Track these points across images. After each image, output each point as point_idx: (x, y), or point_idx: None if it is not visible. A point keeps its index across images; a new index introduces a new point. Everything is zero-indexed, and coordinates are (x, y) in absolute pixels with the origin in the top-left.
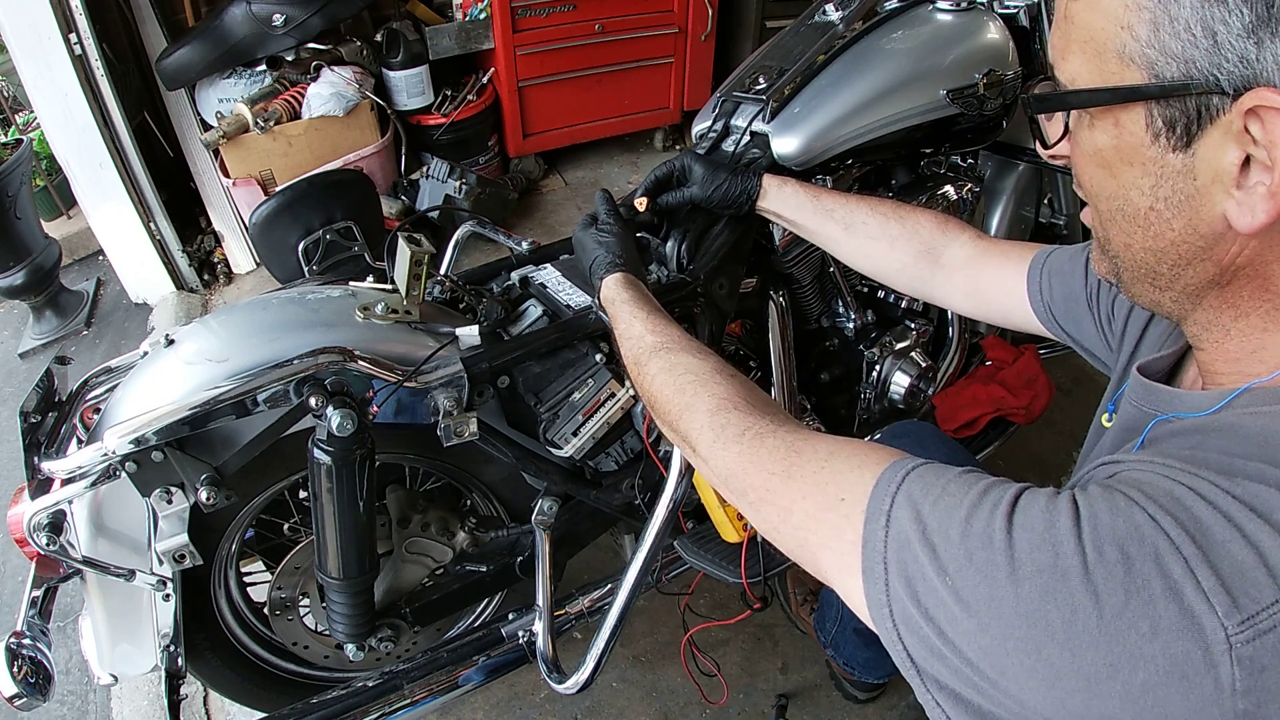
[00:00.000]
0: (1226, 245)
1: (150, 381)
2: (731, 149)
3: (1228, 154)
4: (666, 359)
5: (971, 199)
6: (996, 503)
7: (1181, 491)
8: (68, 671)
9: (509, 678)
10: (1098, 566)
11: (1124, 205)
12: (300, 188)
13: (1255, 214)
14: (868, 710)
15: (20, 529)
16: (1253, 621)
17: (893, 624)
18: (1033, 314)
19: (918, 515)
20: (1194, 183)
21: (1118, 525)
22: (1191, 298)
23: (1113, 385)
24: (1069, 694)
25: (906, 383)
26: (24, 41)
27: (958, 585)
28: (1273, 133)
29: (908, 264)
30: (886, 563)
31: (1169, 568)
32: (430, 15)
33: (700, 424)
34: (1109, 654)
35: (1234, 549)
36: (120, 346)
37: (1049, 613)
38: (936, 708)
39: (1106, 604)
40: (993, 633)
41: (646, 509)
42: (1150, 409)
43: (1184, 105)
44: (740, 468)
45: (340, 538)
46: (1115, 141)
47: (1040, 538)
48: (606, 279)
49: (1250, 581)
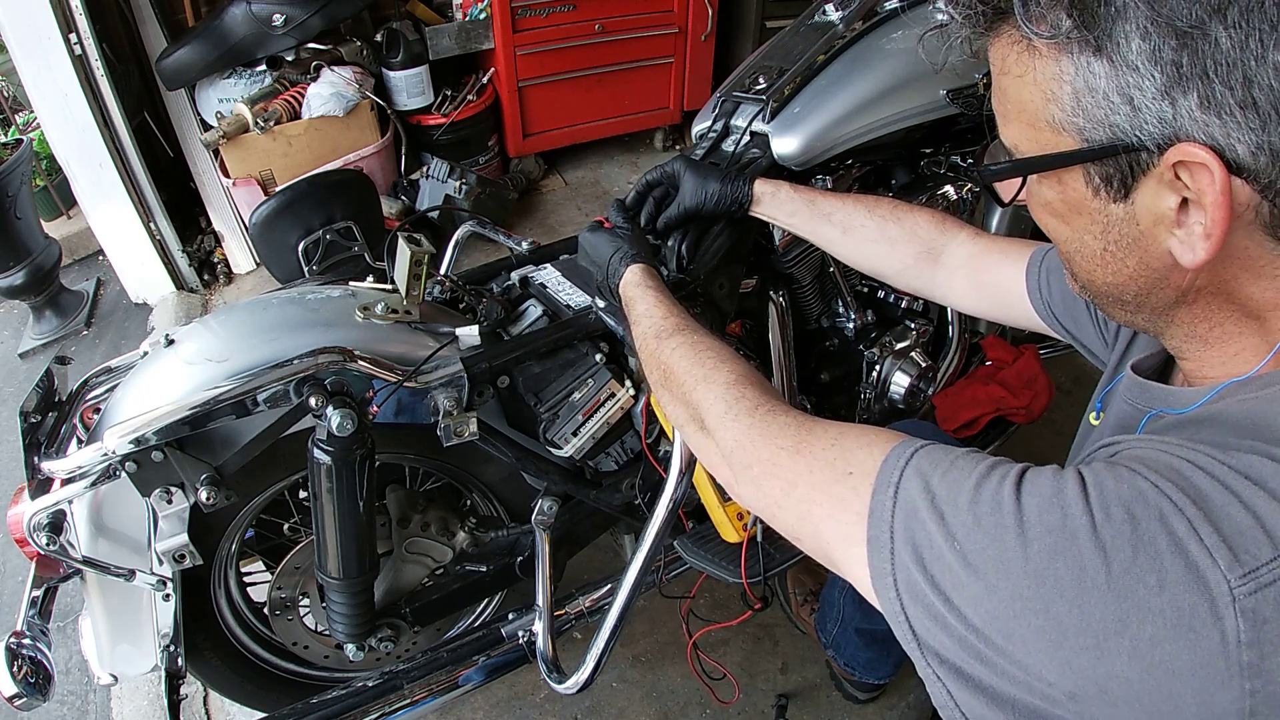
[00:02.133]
0: (1181, 275)
1: (150, 381)
2: (731, 149)
3: (1165, 200)
4: (688, 337)
5: (971, 199)
6: (1004, 475)
7: (1180, 464)
8: (68, 671)
9: (509, 678)
10: (1105, 526)
11: (1080, 247)
12: (300, 188)
13: (1196, 251)
14: (868, 710)
15: (20, 529)
16: (1254, 575)
17: (896, 594)
18: (1033, 310)
19: (926, 485)
20: (1138, 227)
21: (1122, 490)
22: (1162, 316)
23: (1103, 382)
24: (1076, 653)
25: (906, 383)
26: (24, 41)
27: (966, 549)
28: (1199, 182)
29: (909, 264)
30: (893, 531)
31: (1173, 526)
32: (430, 15)
33: (715, 394)
34: (1117, 609)
35: (1232, 512)
36: (120, 346)
37: (1058, 570)
38: (938, 682)
39: (1115, 560)
40: (1000, 594)
41: (646, 509)
42: (1143, 405)
43: (1116, 163)
44: (749, 440)
45: (340, 538)
46: (1062, 196)
47: (1049, 501)
48: (631, 267)
49: (1250, 540)
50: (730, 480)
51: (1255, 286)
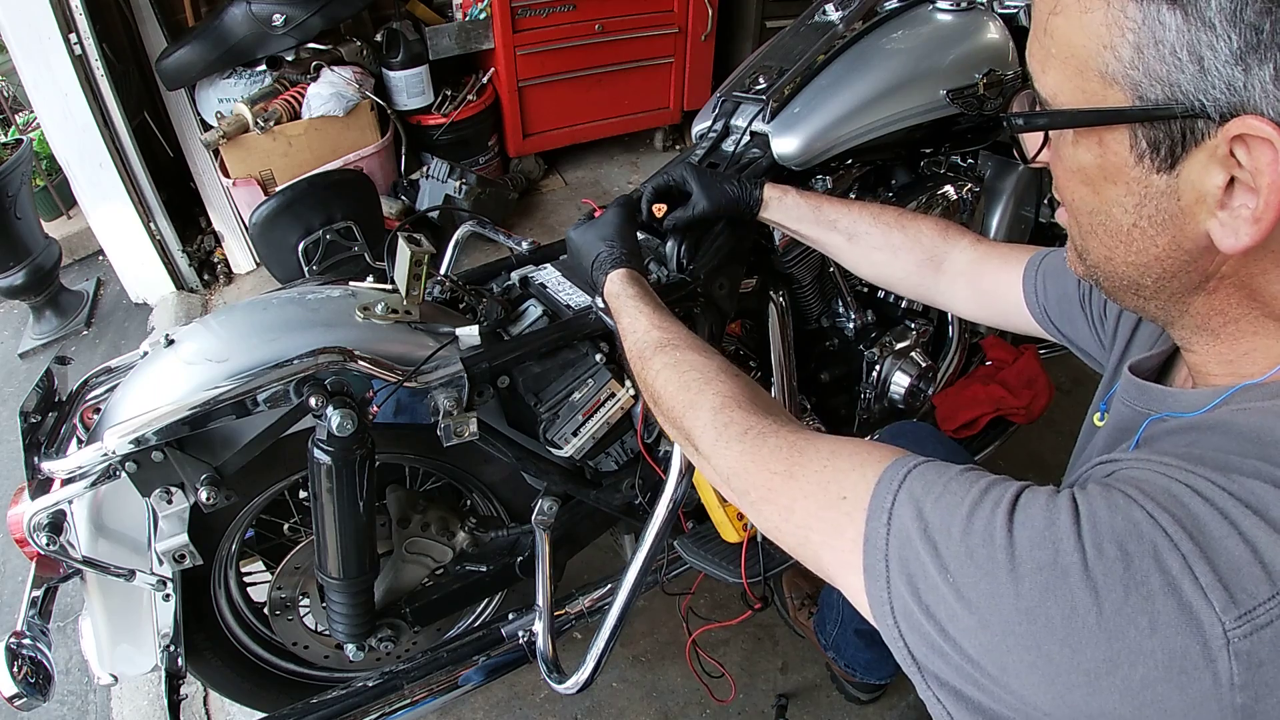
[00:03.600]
0: (1210, 259)
1: (150, 381)
2: (731, 149)
3: (1212, 177)
4: (671, 355)
5: (971, 199)
6: (998, 501)
7: (1178, 489)
8: (68, 671)
9: (509, 678)
10: (1097, 563)
11: (1106, 221)
12: (300, 188)
13: (1239, 236)
14: (868, 711)
15: (20, 529)
16: (1250, 617)
17: (894, 621)
18: (1029, 314)
19: (919, 513)
20: (1178, 203)
21: (1116, 523)
22: (1177, 305)
23: (1104, 384)
24: (1069, 689)
25: (906, 383)
26: (24, 41)
27: (959, 582)
28: (1258, 160)
29: (911, 271)
30: (888, 560)
31: (1167, 564)
32: (430, 15)
33: (703, 422)
34: (1108, 650)
35: (1230, 545)
36: (120, 346)
37: (1049, 609)
38: (938, 704)
39: (1106, 600)
40: (993, 629)
41: (646, 509)
42: (1144, 408)
43: (1168, 128)
44: (742, 467)
45: (340, 538)
46: (1099, 161)
47: (1040, 535)
48: (611, 274)
49: (1246, 577)
50: (732, 499)
51: None
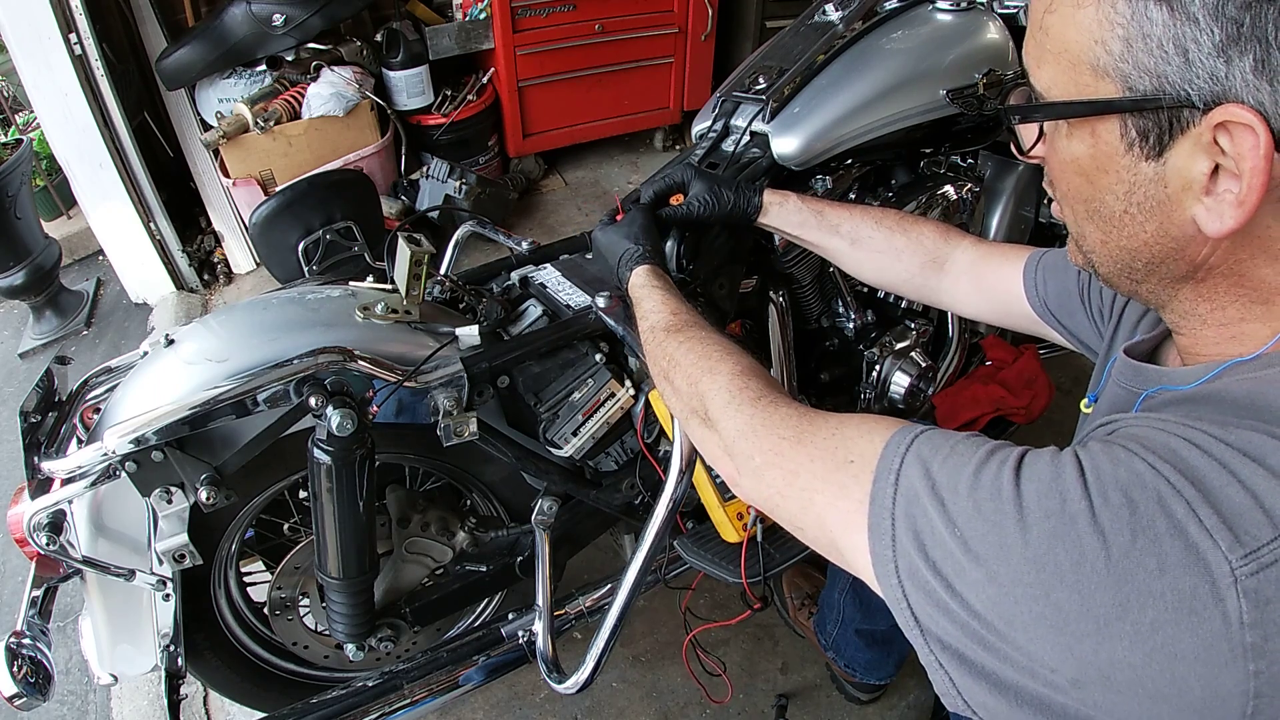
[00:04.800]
0: (1198, 246)
1: (150, 381)
2: (731, 149)
3: (1198, 163)
4: (695, 333)
5: (971, 199)
6: (1004, 460)
7: (1177, 443)
8: (68, 671)
9: (509, 678)
10: (1104, 510)
11: (1099, 208)
12: (300, 188)
13: (1224, 220)
14: (868, 711)
15: (20, 529)
16: (1255, 555)
17: (898, 580)
18: (1030, 308)
19: (927, 472)
20: (1165, 190)
21: (1119, 474)
22: (1168, 289)
23: (1097, 372)
24: (1078, 639)
25: (906, 383)
26: (24, 41)
27: (966, 536)
28: (1240, 146)
29: (914, 274)
30: (894, 517)
31: (1172, 509)
32: (430, 15)
33: (719, 385)
34: (1118, 593)
35: (1231, 492)
36: (120, 346)
37: (1058, 556)
38: (940, 670)
39: (1114, 544)
40: (1001, 581)
41: (646, 509)
42: (1137, 387)
43: (1156, 117)
44: (751, 429)
45: (340, 538)
46: (1091, 150)
47: (1047, 486)
48: (637, 269)
49: (1249, 520)
50: (732, 473)
51: (1270, 269)
